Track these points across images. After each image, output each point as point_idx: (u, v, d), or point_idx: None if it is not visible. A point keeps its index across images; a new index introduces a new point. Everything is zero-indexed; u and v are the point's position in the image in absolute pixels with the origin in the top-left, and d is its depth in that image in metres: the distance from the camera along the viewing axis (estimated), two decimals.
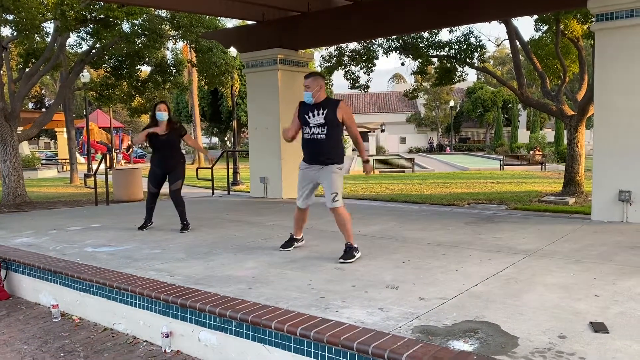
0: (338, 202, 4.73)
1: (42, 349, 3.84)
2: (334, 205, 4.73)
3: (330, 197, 4.73)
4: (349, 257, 4.65)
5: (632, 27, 6.33)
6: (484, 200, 11.24)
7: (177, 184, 6.52)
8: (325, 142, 4.72)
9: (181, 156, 6.64)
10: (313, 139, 4.77)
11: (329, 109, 4.69)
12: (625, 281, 3.87)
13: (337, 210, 4.75)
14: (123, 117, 46.90)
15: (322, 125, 4.70)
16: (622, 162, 6.47)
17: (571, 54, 12.78)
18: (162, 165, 6.55)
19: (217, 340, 3.48)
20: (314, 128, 4.74)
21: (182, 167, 6.61)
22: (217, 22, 13.77)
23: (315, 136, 4.75)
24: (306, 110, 4.80)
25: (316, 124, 4.72)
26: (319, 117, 4.71)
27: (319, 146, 4.76)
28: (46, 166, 29.38)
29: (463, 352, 2.63)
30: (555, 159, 27.79)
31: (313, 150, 4.83)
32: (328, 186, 4.75)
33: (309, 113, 4.76)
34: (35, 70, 11.92)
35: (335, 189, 4.72)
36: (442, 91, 45.95)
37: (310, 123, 4.75)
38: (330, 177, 4.75)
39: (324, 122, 4.69)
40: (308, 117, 4.77)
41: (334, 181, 4.73)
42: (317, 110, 4.73)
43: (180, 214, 6.56)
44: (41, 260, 4.97)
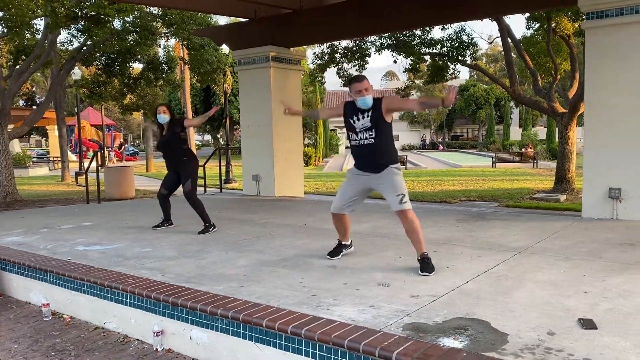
0: (407, 204, 4.21)
1: (32, 348, 3.82)
2: (403, 207, 4.20)
3: (396, 198, 4.21)
4: (430, 268, 4.13)
5: (622, 25, 6.37)
6: (476, 197, 11.29)
7: (187, 185, 6.22)
8: (377, 146, 4.25)
9: (184, 154, 6.31)
10: (362, 145, 4.29)
11: (374, 109, 4.22)
12: (614, 278, 3.90)
13: (407, 214, 4.22)
14: (115, 115, 46.66)
15: (369, 128, 4.22)
16: (612, 160, 6.52)
17: (562, 51, 12.86)
18: (169, 166, 6.46)
19: (208, 338, 3.48)
20: (361, 133, 4.26)
21: (188, 166, 6.30)
22: (209, 20, 13.71)
23: (364, 142, 4.26)
24: (351, 114, 4.32)
25: (363, 128, 4.24)
26: (364, 120, 4.24)
27: (372, 152, 4.28)
28: (37, 164, 29.17)
29: (453, 349, 2.65)
30: (547, 156, 27.95)
31: (364, 157, 4.36)
32: (392, 188, 4.25)
33: (354, 117, 4.29)
34: (25, 68, 11.83)
35: (400, 190, 4.22)
36: (434, 89, 46.01)
37: (357, 128, 4.28)
38: (391, 179, 4.26)
39: (370, 125, 4.22)
40: (353, 122, 4.29)
41: (396, 182, 4.25)
42: (362, 113, 4.25)
43: (199, 215, 6.26)
44: (32, 259, 4.95)
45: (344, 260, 4.64)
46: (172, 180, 6.44)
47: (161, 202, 6.59)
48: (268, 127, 9.99)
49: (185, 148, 6.38)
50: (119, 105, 16.12)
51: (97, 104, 18.36)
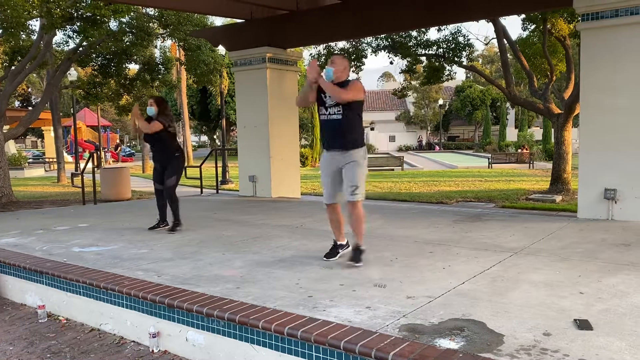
0: (359, 195, 4.42)
1: (28, 350, 3.81)
2: (354, 199, 4.41)
3: (350, 188, 4.42)
4: (358, 259, 4.43)
5: (617, 26, 6.39)
6: (472, 198, 11.31)
7: (171, 180, 6.35)
8: (343, 122, 4.43)
9: (175, 149, 6.42)
10: (329, 120, 4.50)
11: (343, 87, 4.42)
12: (609, 278, 3.91)
13: (356, 205, 4.44)
14: (111, 116, 46.55)
15: (336, 104, 4.43)
16: (608, 161, 6.54)
17: (558, 52, 12.90)
18: (157, 160, 6.50)
19: (204, 340, 3.47)
20: (330, 108, 4.48)
21: (176, 162, 6.40)
22: (206, 20, 13.71)
23: (332, 116, 4.48)
24: (323, 91, 4.52)
25: (332, 104, 4.46)
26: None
27: (337, 127, 4.47)
28: (33, 165, 29.06)
29: (449, 350, 2.65)
30: (543, 157, 28.03)
31: (332, 132, 4.53)
32: (350, 176, 4.44)
33: (325, 94, 4.50)
34: (21, 69, 11.79)
35: (356, 181, 4.42)
36: (431, 90, 46.15)
37: (327, 102, 4.49)
38: (353, 167, 4.44)
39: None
40: (324, 97, 4.51)
41: (356, 173, 4.43)
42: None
43: (172, 211, 6.37)
44: (27, 261, 4.93)
45: (340, 261, 4.64)
46: (162, 175, 6.49)
47: (158, 200, 6.60)
48: (264, 128, 9.99)
49: (176, 144, 6.49)
50: (115, 106, 16.07)
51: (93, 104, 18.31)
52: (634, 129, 6.35)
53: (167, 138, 6.38)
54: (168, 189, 6.37)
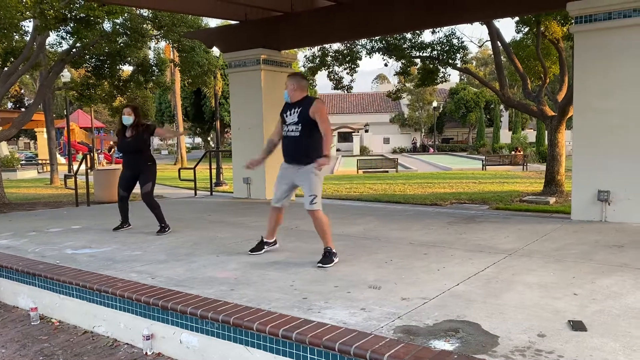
0: (316, 205, 4.66)
1: (20, 353, 3.78)
2: (312, 208, 4.66)
3: (308, 199, 4.66)
4: (327, 261, 4.60)
5: (610, 29, 6.43)
6: (466, 200, 11.33)
7: (147, 186, 6.39)
8: (300, 140, 4.69)
9: (149, 159, 6.49)
10: (288, 137, 4.79)
11: (303, 107, 4.71)
12: (603, 280, 3.93)
13: (315, 214, 4.68)
14: (104, 117, 46.38)
15: (296, 123, 4.72)
16: (601, 163, 6.57)
17: (552, 55, 12.95)
18: (129, 167, 6.51)
19: (198, 342, 3.46)
20: (289, 126, 4.77)
21: (150, 170, 6.47)
22: (200, 22, 13.68)
23: (290, 134, 4.76)
24: (286, 110, 4.88)
25: (291, 122, 4.75)
26: (293, 115, 4.75)
27: (294, 144, 4.74)
28: (26, 167, 28.89)
29: (444, 352, 2.65)
30: (537, 159, 28.13)
31: (289, 148, 4.81)
32: (307, 188, 4.69)
33: (287, 112, 4.84)
34: (13, 70, 11.72)
35: (313, 191, 4.66)
36: (425, 92, 46.26)
37: (287, 121, 4.80)
38: (309, 178, 4.68)
39: (297, 120, 4.71)
40: (286, 116, 4.84)
41: (312, 183, 4.67)
42: (294, 109, 4.77)
43: (156, 216, 6.43)
44: (19, 263, 4.90)
45: (334, 263, 4.63)
46: (130, 180, 6.54)
47: (121, 205, 6.66)
48: (259, 130, 9.97)
49: (149, 154, 6.58)
50: (108, 108, 16.01)
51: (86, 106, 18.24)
52: (627, 131, 6.38)
53: (145, 148, 6.50)
54: (145, 196, 6.40)
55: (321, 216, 4.69)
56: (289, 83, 4.82)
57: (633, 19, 6.26)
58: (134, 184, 6.58)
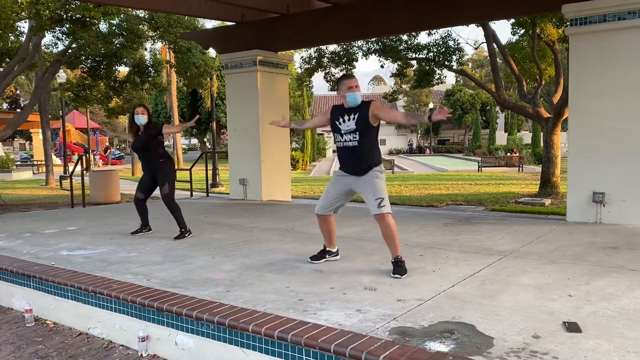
0: (386, 208, 4.21)
1: (15, 355, 3.76)
2: (381, 211, 4.19)
3: (375, 202, 4.20)
4: (402, 271, 4.17)
5: (605, 31, 6.46)
6: (462, 201, 11.36)
7: (165, 189, 6.15)
8: (359, 149, 4.27)
9: (160, 156, 6.26)
10: (345, 147, 4.34)
11: (360, 112, 4.24)
12: (598, 281, 3.94)
13: (385, 218, 4.21)
14: (100, 118, 46.26)
15: (353, 131, 4.25)
16: (596, 164, 6.60)
17: (547, 57, 13.01)
18: (145, 168, 6.36)
19: (194, 343, 3.45)
20: (345, 135, 4.30)
21: (165, 169, 6.22)
22: (196, 23, 13.68)
23: (348, 143, 4.31)
24: (337, 116, 4.37)
25: (347, 131, 4.28)
26: (350, 122, 4.27)
27: (353, 154, 4.31)
28: (21, 168, 28.81)
29: (439, 353, 2.65)
30: (532, 160, 28.20)
31: (347, 158, 4.38)
32: (371, 191, 4.24)
33: (340, 119, 4.34)
34: (9, 70, 11.69)
35: (379, 193, 4.22)
36: (421, 93, 46.34)
37: (342, 130, 4.32)
38: (372, 182, 4.26)
39: (355, 127, 4.24)
40: (339, 123, 4.34)
41: (377, 186, 4.24)
42: (349, 115, 4.28)
43: (176, 220, 6.20)
44: (14, 264, 4.88)
45: (331, 264, 4.64)
46: (148, 184, 6.36)
47: (138, 207, 6.48)
48: (255, 131, 9.98)
49: (162, 151, 6.34)
50: (104, 109, 15.99)
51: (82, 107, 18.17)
52: (622, 133, 6.41)
53: (156, 146, 6.31)
54: (165, 199, 6.17)
55: (391, 221, 4.25)
56: (356, 82, 4.28)
57: (628, 21, 6.30)
58: (153, 188, 6.36)
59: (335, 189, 4.50)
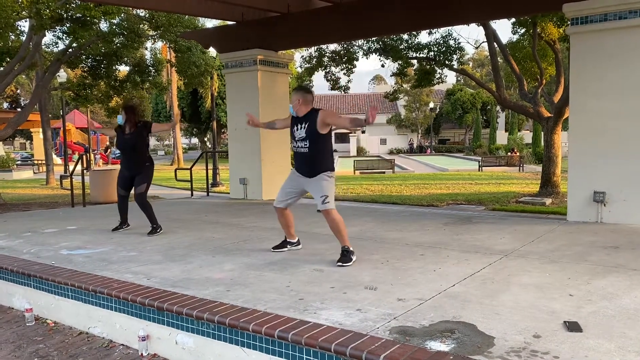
0: (329, 204, 4.66)
1: (15, 354, 3.76)
2: (325, 207, 4.65)
3: (320, 199, 4.67)
4: (346, 260, 4.58)
5: (605, 30, 6.45)
6: (463, 201, 11.34)
7: (142, 187, 6.36)
8: (310, 155, 4.72)
9: (146, 159, 6.48)
10: (298, 152, 4.81)
11: (310, 122, 4.69)
12: (598, 281, 3.93)
13: (329, 213, 4.66)
14: (101, 118, 46.27)
15: (304, 139, 4.71)
16: (597, 164, 6.59)
17: (548, 56, 12.98)
18: (128, 167, 6.47)
19: (194, 343, 3.45)
20: (298, 142, 4.76)
21: (147, 170, 6.46)
22: (197, 22, 13.67)
23: (300, 149, 4.77)
24: (293, 124, 4.83)
25: (300, 138, 4.74)
26: (300, 130, 4.72)
27: (304, 160, 4.77)
28: (21, 167, 28.81)
29: (440, 352, 2.65)
30: (533, 160, 28.18)
31: (300, 163, 4.85)
32: (317, 190, 4.71)
33: (294, 127, 4.81)
34: (9, 70, 11.68)
35: (325, 192, 4.67)
36: (422, 93, 46.31)
37: (295, 136, 4.78)
38: (319, 184, 4.71)
39: (305, 135, 4.69)
40: (294, 131, 4.81)
41: (323, 186, 4.69)
42: (300, 124, 4.74)
43: (148, 217, 6.41)
44: (14, 264, 4.88)
45: (331, 264, 4.64)
46: (128, 181, 6.52)
47: (121, 204, 6.65)
48: (255, 131, 9.95)
49: (148, 154, 6.56)
50: (105, 108, 15.98)
51: (82, 106, 18.16)
52: (623, 132, 6.40)
53: (143, 147, 6.46)
54: (139, 196, 6.37)
55: (335, 215, 4.68)
56: (294, 97, 4.77)
57: (629, 20, 6.29)
58: (132, 184, 6.53)
59: (290, 187, 4.98)
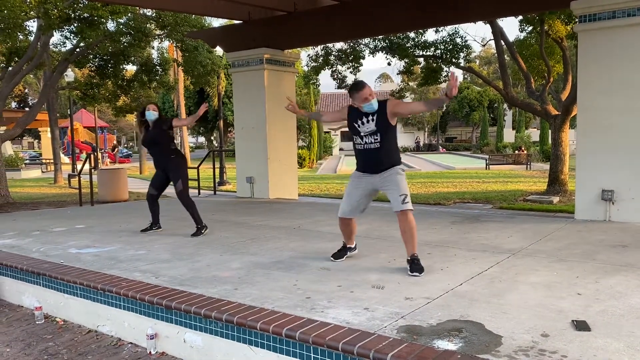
0: (409, 204, 4.25)
1: (25, 352, 3.80)
2: (405, 208, 4.23)
3: (399, 198, 4.25)
4: (419, 269, 4.19)
5: (614, 28, 6.41)
6: (470, 199, 11.32)
7: (178, 185, 6.17)
8: (382, 150, 4.30)
9: (171, 151, 6.27)
10: (366, 150, 4.34)
11: (378, 113, 4.25)
12: (607, 279, 3.92)
13: (407, 215, 4.25)
14: (108, 117, 46.47)
15: (374, 133, 4.27)
16: (605, 162, 6.55)
17: (555, 54, 12.93)
18: (157, 164, 6.38)
19: (202, 341, 3.47)
20: (365, 137, 4.31)
21: (176, 164, 6.23)
22: (203, 21, 13.70)
23: (369, 146, 4.31)
24: (355, 118, 4.35)
25: (368, 133, 4.29)
26: (369, 124, 4.27)
27: (375, 156, 4.33)
28: (30, 166, 29.01)
29: (447, 351, 2.65)
30: (540, 158, 28.06)
31: (369, 160, 4.40)
32: (395, 188, 4.29)
33: (358, 121, 4.33)
34: (18, 69, 11.76)
35: (403, 190, 4.27)
36: (428, 91, 46.16)
37: (361, 132, 4.32)
38: (395, 179, 4.31)
39: (376, 129, 4.26)
40: (358, 126, 4.34)
41: (399, 182, 4.30)
42: (367, 117, 4.28)
43: (191, 216, 6.21)
44: (24, 262, 4.91)
45: (338, 262, 4.64)
46: (161, 180, 6.36)
47: (150, 204, 6.50)
48: (262, 129, 9.99)
49: (173, 147, 6.35)
50: (112, 107, 16.05)
51: (90, 106, 18.25)
52: (631, 130, 6.36)
53: (166, 141, 6.32)
54: (179, 195, 6.20)
55: (412, 218, 4.29)
56: (371, 91, 4.25)
57: (637, 17, 6.24)
58: (166, 183, 6.37)
59: (358, 191, 4.51)
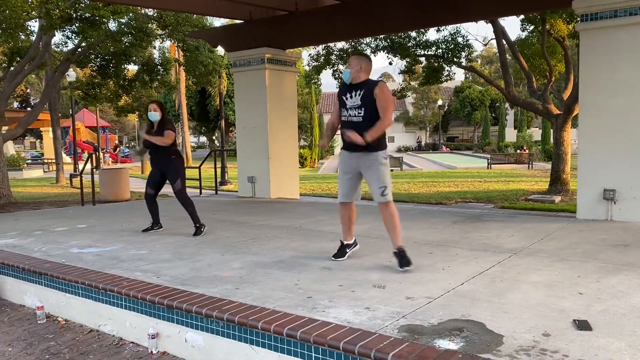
0: (388, 196, 4.30)
1: (26, 351, 3.80)
2: (384, 200, 4.30)
3: (378, 190, 4.30)
4: (408, 261, 4.24)
5: (616, 27, 6.40)
6: (472, 199, 11.31)
7: (177, 184, 6.18)
8: (363, 125, 4.27)
9: (172, 153, 6.25)
10: (350, 122, 4.38)
11: (366, 89, 4.31)
12: (609, 279, 3.91)
13: (388, 207, 4.32)
14: (110, 117, 46.53)
15: (358, 107, 4.32)
16: (607, 161, 6.54)
17: (557, 53, 12.91)
18: (155, 163, 6.38)
19: (203, 341, 3.47)
20: (350, 110, 4.37)
21: (175, 165, 6.23)
22: (204, 21, 13.71)
23: (352, 119, 4.36)
24: (344, 92, 4.45)
25: (353, 106, 4.35)
26: (355, 98, 4.34)
27: (356, 130, 4.30)
28: (32, 166, 29.06)
29: (449, 351, 2.65)
30: (542, 157, 28.03)
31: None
32: (375, 178, 4.33)
33: (347, 94, 4.42)
34: (20, 69, 11.77)
35: (384, 181, 4.30)
36: (430, 90, 46.21)
37: (348, 104, 4.39)
38: (376, 168, 4.32)
39: (360, 103, 4.31)
40: (345, 99, 4.42)
41: (380, 173, 4.32)
42: (355, 91, 4.35)
43: (190, 215, 6.24)
44: (26, 262, 4.92)
45: (340, 262, 4.64)
46: (157, 179, 6.37)
47: (149, 204, 6.49)
48: (263, 129, 9.99)
49: (173, 148, 6.32)
50: (113, 107, 16.08)
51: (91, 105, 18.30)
52: (633, 130, 6.35)
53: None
54: (177, 194, 6.21)
55: (394, 210, 4.33)
56: (355, 62, 4.36)
57: (639, 16, 6.23)
58: (162, 182, 6.39)
59: (346, 176, 4.55)
